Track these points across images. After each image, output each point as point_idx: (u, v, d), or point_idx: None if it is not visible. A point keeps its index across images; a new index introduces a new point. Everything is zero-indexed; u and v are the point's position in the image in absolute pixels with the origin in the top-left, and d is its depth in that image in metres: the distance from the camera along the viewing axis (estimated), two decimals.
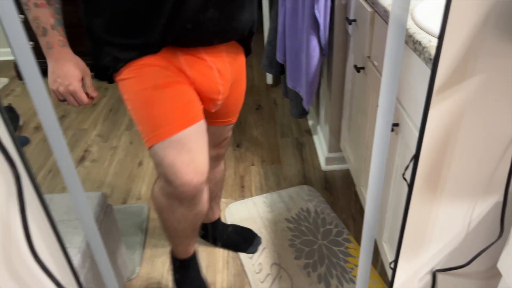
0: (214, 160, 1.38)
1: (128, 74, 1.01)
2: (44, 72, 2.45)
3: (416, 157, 0.57)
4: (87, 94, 1.02)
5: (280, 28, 1.84)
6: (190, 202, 1.08)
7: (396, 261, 0.69)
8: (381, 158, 0.52)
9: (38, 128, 2.45)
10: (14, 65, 3.01)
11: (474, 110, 0.57)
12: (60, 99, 1.01)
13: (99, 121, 2.50)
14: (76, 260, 1.10)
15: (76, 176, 0.53)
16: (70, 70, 0.96)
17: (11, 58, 3.21)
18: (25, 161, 0.54)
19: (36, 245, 0.64)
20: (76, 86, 0.98)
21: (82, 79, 0.99)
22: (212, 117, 1.23)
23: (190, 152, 1.00)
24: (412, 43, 1.00)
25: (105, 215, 1.30)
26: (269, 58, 2.07)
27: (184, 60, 1.03)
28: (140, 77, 1.00)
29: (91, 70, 1.04)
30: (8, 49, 3.20)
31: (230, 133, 1.34)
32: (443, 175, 0.61)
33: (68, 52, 0.97)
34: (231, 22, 1.00)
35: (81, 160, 2.16)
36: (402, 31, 0.46)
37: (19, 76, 3.03)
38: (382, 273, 1.48)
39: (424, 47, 0.93)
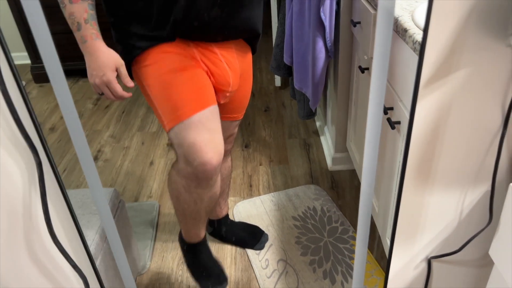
0: None
1: (147, 61, 1.08)
2: (68, 72, 2.50)
3: (406, 148, 0.60)
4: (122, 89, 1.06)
5: (287, 31, 1.89)
6: (208, 183, 1.12)
7: (391, 249, 0.72)
8: (374, 136, 0.56)
9: (53, 129, 2.53)
10: (31, 69, 3.11)
11: (461, 102, 0.60)
12: (99, 93, 1.05)
13: (112, 122, 2.57)
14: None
15: (95, 170, 0.58)
16: (104, 61, 1.00)
17: (27, 62, 3.31)
18: (46, 148, 0.59)
19: (55, 229, 0.69)
20: (110, 76, 1.01)
21: (117, 70, 1.03)
22: (219, 112, 1.28)
23: (209, 132, 1.05)
24: (412, 43, 1.03)
25: (118, 211, 1.36)
26: (277, 61, 2.12)
27: (197, 51, 1.10)
28: (158, 63, 1.06)
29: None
30: (25, 53, 3.31)
31: (236, 130, 1.39)
32: (434, 165, 0.65)
33: (101, 44, 1.01)
34: (232, 21, 1.06)
35: (94, 160, 2.23)
36: (390, 18, 0.50)
37: (35, 79, 3.13)
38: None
39: None
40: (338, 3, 1.65)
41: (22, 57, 3.42)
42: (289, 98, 2.71)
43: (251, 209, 1.82)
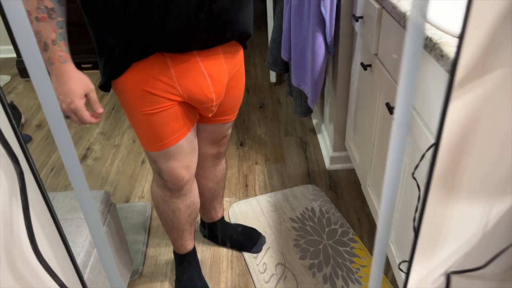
0: (214, 158, 1.36)
1: (121, 88, 1.01)
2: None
3: (434, 153, 0.55)
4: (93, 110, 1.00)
5: (285, 25, 1.82)
6: (179, 193, 1.22)
7: (410, 262, 0.67)
8: (396, 170, 0.50)
9: (40, 126, 2.44)
10: (16, 63, 2.99)
11: (494, 106, 0.55)
12: (65, 116, 0.97)
13: (102, 119, 2.48)
14: (79, 259, 1.08)
15: (82, 173, 0.51)
16: (72, 88, 0.92)
17: (13, 55, 3.20)
18: (28, 157, 0.52)
19: (39, 243, 0.62)
20: (77, 104, 0.93)
21: (86, 96, 0.95)
22: (210, 116, 1.21)
23: (177, 160, 1.14)
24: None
25: (109, 214, 1.29)
26: (274, 56, 2.05)
27: (175, 72, 0.99)
28: (129, 97, 1.01)
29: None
30: (10, 47, 3.19)
31: (229, 131, 1.32)
32: (460, 173, 0.59)
33: (69, 69, 0.92)
34: (221, 23, 0.97)
35: (83, 158, 2.14)
36: (421, 37, 0.44)
37: (21, 73, 3.02)
38: (387, 273, 1.46)
39: (435, 44, 0.91)
40: None
41: (7, 51, 3.30)
42: (285, 94, 2.65)
43: (247, 210, 1.76)
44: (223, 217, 1.60)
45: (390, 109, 1.21)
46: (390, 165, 0.51)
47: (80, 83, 0.93)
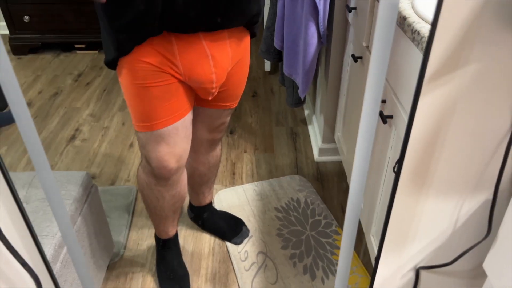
0: (209, 144, 1.35)
1: (123, 64, 1.02)
2: (48, 46, 2.36)
3: (403, 149, 0.54)
4: None
5: (279, 13, 1.80)
6: (166, 182, 1.19)
7: (378, 257, 0.66)
8: (367, 139, 0.49)
9: (30, 104, 2.41)
10: (9, 39, 2.95)
11: (467, 101, 0.53)
12: None
13: (92, 100, 2.46)
14: (55, 239, 1.07)
15: (45, 157, 0.50)
16: None
17: (6, 32, 3.15)
18: None
19: (3, 223, 0.61)
20: None
21: None
22: (210, 100, 1.20)
23: (168, 145, 1.10)
24: (411, 33, 0.96)
25: (89, 196, 1.28)
26: (267, 44, 2.03)
27: (178, 49, 0.99)
28: (132, 70, 1.01)
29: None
30: (3, 23, 3.15)
31: (228, 119, 1.31)
32: (432, 168, 0.58)
33: None
34: (230, 4, 0.96)
35: (71, 139, 2.13)
36: (395, 10, 0.42)
37: (13, 51, 2.98)
38: (368, 266, 1.47)
39: (422, 37, 0.89)
40: None
41: (0, 27, 3.25)
42: (278, 84, 2.63)
43: (233, 198, 1.76)
44: (211, 203, 1.60)
45: None
46: (359, 146, 0.50)
47: None
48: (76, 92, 2.54)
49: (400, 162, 0.55)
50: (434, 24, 0.44)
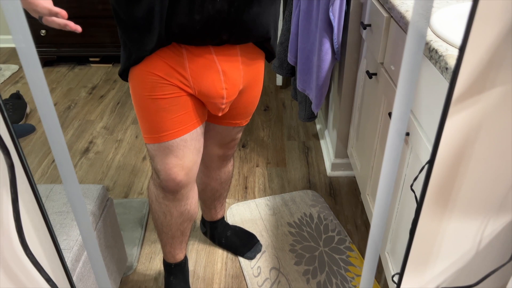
0: (221, 159, 1.36)
1: (133, 75, 1.04)
2: (63, 59, 2.40)
3: (429, 169, 0.54)
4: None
5: (293, 30, 1.82)
6: (174, 196, 1.17)
7: (401, 276, 0.66)
8: (391, 174, 0.50)
9: None
10: None
11: (493, 123, 0.54)
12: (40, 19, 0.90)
13: (106, 113, 2.49)
14: (72, 253, 1.08)
15: (72, 169, 0.50)
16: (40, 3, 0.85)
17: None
18: (19, 150, 0.52)
19: (28, 237, 0.62)
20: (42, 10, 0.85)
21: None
22: (220, 117, 1.20)
23: (177, 158, 1.09)
24: (428, 51, 0.97)
25: (105, 209, 1.29)
26: (280, 60, 2.05)
27: (188, 62, 1.00)
28: (141, 82, 1.02)
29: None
30: None
31: (239, 135, 1.31)
32: (456, 188, 0.58)
33: None
34: (240, 17, 0.96)
35: (85, 152, 2.15)
36: (422, 41, 0.43)
37: None
38: (383, 284, 1.45)
39: (440, 56, 0.90)
40: (348, 4, 1.58)
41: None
42: (290, 98, 2.64)
43: (245, 212, 1.76)
44: (223, 218, 1.60)
45: None
46: (384, 171, 0.50)
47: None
48: (90, 104, 2.58)
49: (425, 182, 0.55)
50: (462, 49, 0.45)
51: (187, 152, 1.10)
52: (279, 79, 2.77)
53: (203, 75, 1.02)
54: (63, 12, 0.88)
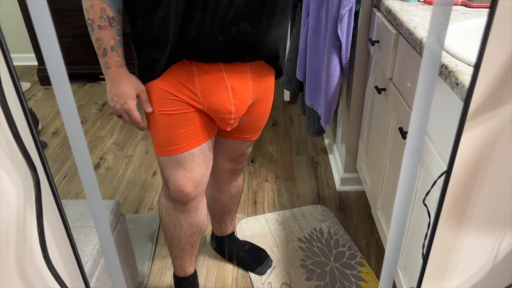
0: (231, 174, 1.37)
1: (147, 87, 1.06)
2: (74, 76, 2.46)
3: (445, 183, 0.54)
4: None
5: (301, 47, 1.85)
6: (183, 207, 1.19)
7: None
8: (406, 194, 0.50)
9: (56, 133, 2.48)
10: (37, 71, 3.07)
11: (508, 138, 0.54)
12: (117, 115, 1.07)
13: (116, 129, 2.52)
14: (86, 268, 1.09)
15: (96, 183, 0.52)
16: (125, 90, 1.01)
17: (34, 63, 3.28)
18: (45, 166, 0.53)
19: (50, 251, 0.63)
20: (130, 105, 1.02)
21: (138, 96, 1.04)
22: (230, 131, 1.22)
23: (185, 170, 1.13)
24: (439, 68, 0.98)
25: (118, 224, 1.30)
26: (289, 76, 2.07)
27: (198, 79, 1.03)
28: (152, 98, 1.06)
29: None
30: (32, 55, 3.28)
31: (248, 150, 1.32)
32: (472, 203, 0.59)
33: (123, 72, 1.01)
34: (248, 43, 0.99)
35: (95, 168, 2.17)
36: (436, 65, 0.44)
37: (41, 81, 3.09)
38: None
39: (450, 71, 0.91)
40: (356, 21, 1.60)
41: (29, 59, 3.38)
42: (298, 113, 2.66)
43: (255, 227, 1.76)
44: (233, 233, 1.60)
45: (403, 134, 1.21)
46: (400, 189, 0.51)
47: (133, 85, 1.02)
48: (100, 121, 2.61)
49: (441, 197, 0.56)
50: (477, 66, 0.46)
51: (195, 165, 1.13)
52: (286, 95, 2.79)
53: (212, 91, 1.04)
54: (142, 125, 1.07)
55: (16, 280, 0.61)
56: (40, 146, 0.53)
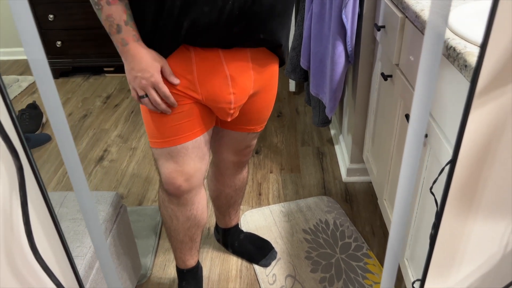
0: (236, 166, 1.34)
1: None
2: (79, 69, 2.45)
3: (451, 168, 0.51)
4: (165, 102, 1.01)
5: (305, 34, 1.80)
6: (178, 200, 1.17)
7: (422, 283, 0.63)
8: (410, 179, 0.47)
9: None
10: None
11: None
12: (141, 96, 0.99)
13: (120, 121, 2.50)
14: (85, 260, 1.07)
15: (83, 174, 0.49)
16: (149, 62, 0.94)
17: None
18: (28, 153, 0.51)
19: (39, 241, 0.61)
20: (157, 77, 0.96)
21: (161, 69, 0.98)
22: (234, 123, 1.19)
23: (176, 164, 1.10)
24: (445, 49, 0.94)
25: (119, 216, 1.28)
26: (293, 64, 2.03)
27: (197, 67, 0.99)
28: None
29: None
30: None
31: (253, 142, 1.29)
32: (480, 188, 0.55)
33: (142, 45, 0.95)
34: (251, 25, 0.95)
35: (99, 160, 2.16)
36: (440, 42, 0.41)
37: None
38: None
39: (458, 53, 0.87)
40: (361, 6, 1.56)
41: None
42: (303, 104, 2.62)
43: (260, 219, 1.73)
44: (237, 225, 1.58)
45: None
46: (403, 173, 0.48)
47: (156, 57, 0.96)
48: (104, 114, 2.60)
49: (447, 183, 0.52)
50: (483, 46, 0.42)
51: (187, 159, 1.10)
52: (292, 85, 2.75)
53: (209, 79, 1.01)
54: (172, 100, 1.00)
55: (5, 271, 0.59)
56: (22, 134, 0.51)
